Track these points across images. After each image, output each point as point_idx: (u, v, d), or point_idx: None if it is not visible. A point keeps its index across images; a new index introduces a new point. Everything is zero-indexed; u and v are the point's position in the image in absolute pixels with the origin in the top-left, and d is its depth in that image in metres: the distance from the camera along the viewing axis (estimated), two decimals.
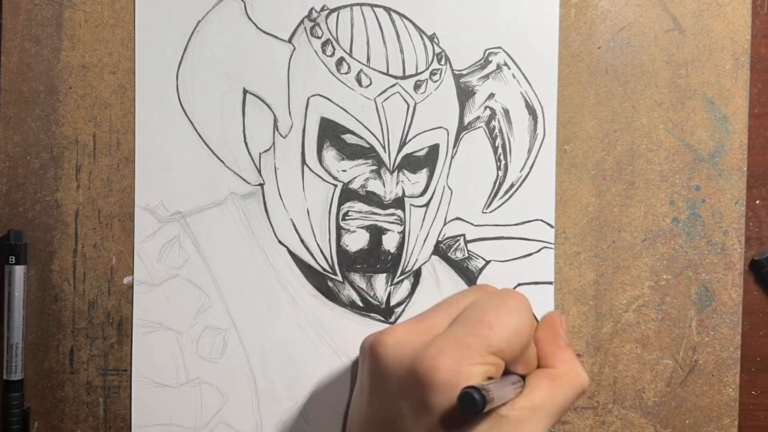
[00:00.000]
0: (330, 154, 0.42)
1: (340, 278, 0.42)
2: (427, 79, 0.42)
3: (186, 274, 0.42)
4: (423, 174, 0.42)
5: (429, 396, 0.31)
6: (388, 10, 0.42)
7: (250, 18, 0.42)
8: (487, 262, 0.42)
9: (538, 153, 0.42)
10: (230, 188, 0.42)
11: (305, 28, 0.42)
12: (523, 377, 0.35)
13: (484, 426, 0.31)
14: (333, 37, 0.42)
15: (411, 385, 0.32)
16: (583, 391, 0.35)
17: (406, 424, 0.32)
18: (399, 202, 0.42)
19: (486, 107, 0.42)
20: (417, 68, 0.42)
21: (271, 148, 0.42)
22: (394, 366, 0.33)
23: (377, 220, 0.42)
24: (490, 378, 0.32)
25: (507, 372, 0.34)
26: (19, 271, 0.41)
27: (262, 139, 0.42)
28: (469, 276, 0.42)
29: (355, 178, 0.42)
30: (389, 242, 0.42)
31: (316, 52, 0.42)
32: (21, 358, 0.41)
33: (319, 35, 0.42)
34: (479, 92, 0.42)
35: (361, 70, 0.42)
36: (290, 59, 0.42)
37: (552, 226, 0.42)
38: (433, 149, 0.42)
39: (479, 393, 0.26)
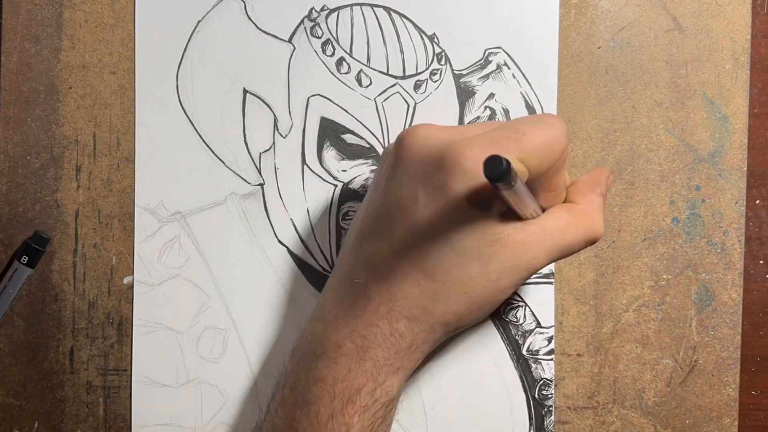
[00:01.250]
0: (330, 154, 0.42)
1: None
2: (427, 79, 0.42)
3: (186, 274, 0.42)
4: None
5: (450, 180, 0.30)
6: (388, 10, 0.42)
7: (250, 18, 0.42)
8: None
9: None
10: (230, 188, 0.42)
11: (305, 28, 0.42)
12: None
13: (489, 237, 0.31)
14: (333, 37, 0.42)
15: (434, 170, 0.31)
16: (595, 238, 0.34)
17: (417, 209, 0.31)
18: None
19: (486, 107, 0.42)
20: (417, 68, 0.42)
21: (271, 148, 0.42)
22: (420, 153, 0.32)
23: None
24: None
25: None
26: (24, 273, 0.41)
27: (262, 139, 0.42)
28: None
29: (355, 178, 0.42)
30: None
31: (316, 52, 0.42)
32: None
33: (319, 35, 0.42)
34: (479, 92, 0.42)
35: (361, 70, 0.42)
36: (290, 59, 0.42)
37: None
38: None
39: (508, 162, 0.25)
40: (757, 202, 0.42)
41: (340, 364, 0.32)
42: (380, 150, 0.42)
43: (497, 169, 0.25)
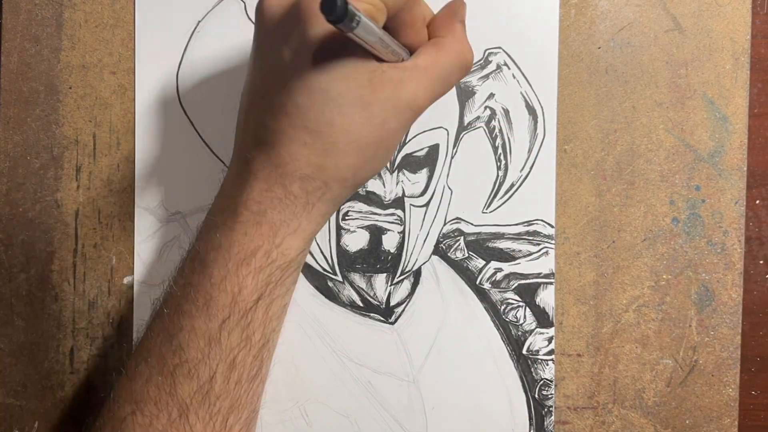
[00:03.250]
0: None
1: (340, 278, 0.42)
2: None
3: None
4: (423, 174, 0.42)
5: (307, 29, 0.30)
6: None
7: (250, 18, 0.42)
8: (487, 262, 0.42)
9: (538, 153, 0.42)
10: None
11: None
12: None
13: (363, 77, 0.31)
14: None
15: (292, 24, 0.31)
16: (467, 62, 0.34)
17: (285, 67, 0.31)
18: (399, 202, 0.42)
19: (486, 107, 0.42)
20: None
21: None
22: (276, 13, 0.32)
23: (377, 220, 0.42)
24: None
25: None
26: None
27: None
28: (469, 276, 0.42)
29: None
30: (389, 242, 0.42)
31: None
32: None
33: None
34: (479, 92, 0.42)
35: None
36: None
37: (552, 226, 0.42)
38: (433, 149, 0.42)
39: (343, 1, 0.24)
40: (757, 202, 0.42)
41: (237, 230, 0.32)
42: None
43: (334, 8, 0.24)
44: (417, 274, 0.42)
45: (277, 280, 0.33)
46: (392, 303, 0.42)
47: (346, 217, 0.42)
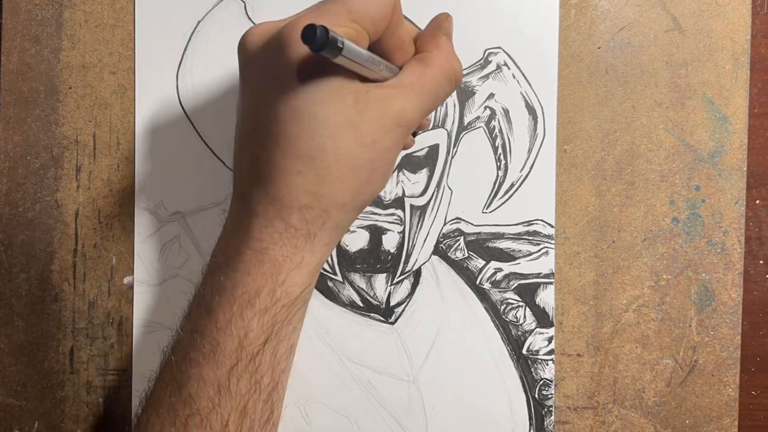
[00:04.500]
0: None
1: (340, 278, 0.42)
2: None
3: (186, 274, 0.42)
4: (423, 174, 0.42)
5: (289, 58, 0.30)
6: None
7: (250, 18, 0.42)
8: (487, 262, 0.42)
9: (538, 153, 0.42)
10: (230, 188, 0.42)
11: None
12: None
13: (349, 98, 0.30)
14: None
15: (274, 56, 0.31)
16: (455, 76, 0.34)
17: (271, 98, 0.31)
18: (399, 202, 0.42)
19: (486, 107, 0.42)
20: None
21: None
22: (259, 47, 0.32)
23: (377, 220, 0.42)
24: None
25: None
26: None
27: None
28: (469, 276, 0.42)
29: None
30: (389, 242, 0.42)
31: None
32: None
33: None
34: (479, 92, 0.42)
35: None
36: None
37: (552, 226, 0.42)
38: (433, 149, 0.42)
39: (323, 29, 0.24)
40: (757, 202, 0.42)
41: (240, 270, 0.32)
42: None
43: (314, 37, 0.24)
44: (417, 274, 0.42)
45: (283, 319, 0.33)
46: (392, 303, 0.42)
47: None
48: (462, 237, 0.42)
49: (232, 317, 0.32)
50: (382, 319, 0.42)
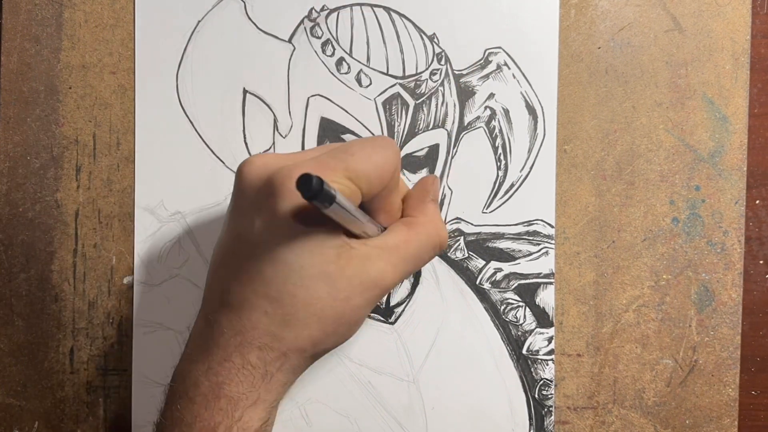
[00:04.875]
0: None
1: None
2: (427, 79, 0.42)
3: (186, 274, 0.42)
4: (423, 174, 0.42)
5: (278, 203, 0.30)
6: (388, 10, 0.42)
7: (250, 18, 0.42)
8: (487, 262, 0.42)
9: (538, 153, 0.42)
10: (230, 188, 0.42)
11: (305, 28, 0.42)
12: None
13: (330, 252, 0.31)
14: (333, 37, 0.42)
15: (265, 196, 0.31)
16: (440, 243, 0.35)
17: (254, 236, 0.31)
18: None
19: (486, 107, 0.42)
20: (417, 68, 0.42)
21: (271, 148, 0.42)
22: (254, 181, 0.32)
23: None
24: None
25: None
26: None
27: (262, 139, 0.42)
28: (469, 276, 0.42)
29: None
30: None
31: (316, 52, 0.42)
32: None
33: (319, 35, 0.42)
34: (479, 92, 0.42)
35: (361, 70, 0.42)
36: (290, 59, 0.42)
37: (552, 226, 0.42)
38: (433, 149, 0.42)
39: (319, 180, 0.25)
40: (757, 202, 0.42)
41: (198, 403, 0.32)
42: None
43: (309, 187, 0.25)
44: (417, 274, 0.42)
45: None
46: (392, 303, 0.42)
47: None
48: (462, 237, 0.42)
49: None
50: (382, 319, 0.42)
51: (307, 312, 0.31)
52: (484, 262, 0.42)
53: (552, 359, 0.42)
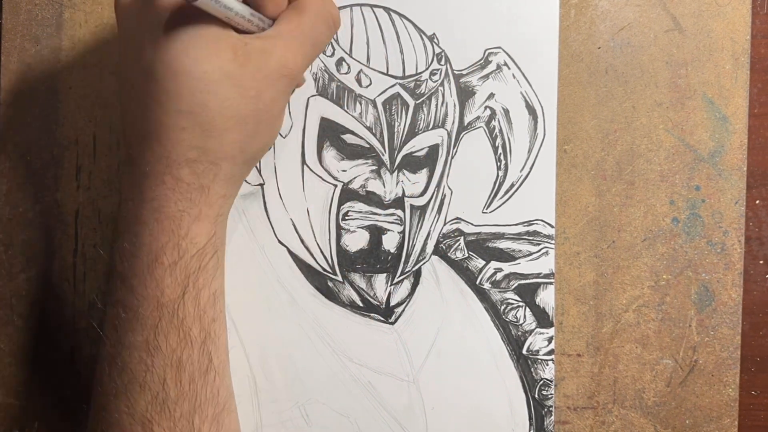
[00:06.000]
0: (330, 154, 0.42)
1: (340, 278, 0.42)
2: (426, 79, 0.42)
3: None
4: (423, 174, 0.42)
5: (155, 5, 0.30)
6: (387, 10, 0.42)
7: None
8: (487, 262, 0.42)
9: (538, 153, 0.42)
10: None
11: None
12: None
13: (226, 53, 0.30)
14: (333, 37, 0.42)
15: (143, 8, 0.31)
16: (333, 21, 0.34)
17: (147, 55, 0.31)
18: (399, 202, 0.42)
19: (486, 107, 0.42)
20: (417, 68, 0.42)
21: (270, 148, 0.42)
22: (130, 5, 0.32)
23: (377, 220, 0.42)
24: None
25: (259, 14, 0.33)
26: None
27: None
28: (469, 276, 0.42)
29: (355, 178, 0.42)
30: (389, 242, 0.42)
31: None
32: None
33: None
34: (479, 92, 0.42)
35: (361, 70, 0.42)
36: None
37: (552, 226, 0.42)
38: (433, 149, 0.42)
39: None
40: (757, 202, 0.42)
41: (140, 233, 0.32)
42: (380, 150, 0.42)
43: None
44: (417, 274, 0.42)
45: (196, 269, 0.33)
46: (392, 303, 0.42)
47: (346, 217, 0.42)
48: (462, 237, 0.42)
49: (144, 279, 0.32)
50: (382, 319, 0.42)
51: (223, 116, 0.31)
52: (484, 262, 0.42)
53: (552, 359, 0.42)
